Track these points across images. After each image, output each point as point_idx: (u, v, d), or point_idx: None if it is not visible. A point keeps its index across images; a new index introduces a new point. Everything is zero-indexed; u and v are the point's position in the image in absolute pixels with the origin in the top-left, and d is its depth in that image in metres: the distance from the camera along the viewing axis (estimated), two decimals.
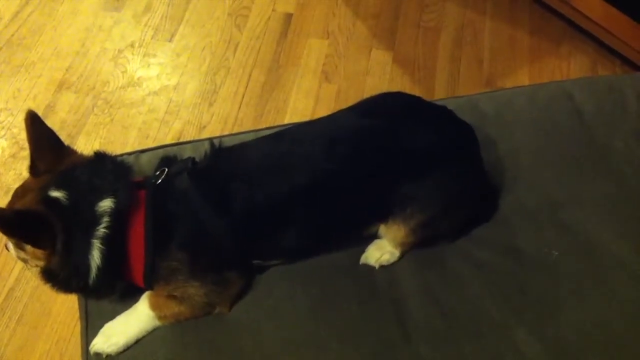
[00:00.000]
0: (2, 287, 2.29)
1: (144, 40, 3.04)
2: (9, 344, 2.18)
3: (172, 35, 3.05)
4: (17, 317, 2.22)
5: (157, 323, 1.51)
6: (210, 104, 2.81)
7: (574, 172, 1.74)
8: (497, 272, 1.58)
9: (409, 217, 1.57)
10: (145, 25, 3.10)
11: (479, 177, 1.66)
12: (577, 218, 1.65)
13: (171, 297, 1.48)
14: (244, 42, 3.03)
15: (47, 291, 1.66)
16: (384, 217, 1.60)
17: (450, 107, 1.73)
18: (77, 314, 1.62)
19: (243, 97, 2.84)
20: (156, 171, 1.51)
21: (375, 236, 1.65)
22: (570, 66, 2.96)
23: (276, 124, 2.68)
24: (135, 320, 1.50)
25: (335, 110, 1.70)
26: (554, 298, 1.53)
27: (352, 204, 1.55)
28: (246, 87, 2.87)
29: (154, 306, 1.49)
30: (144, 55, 2.97)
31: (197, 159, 1.55)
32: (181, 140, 2.62)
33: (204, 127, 2.73)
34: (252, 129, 2.11)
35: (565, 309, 1.51)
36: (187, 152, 1.76)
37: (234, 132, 2.39)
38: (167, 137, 2.68)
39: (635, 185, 1.71)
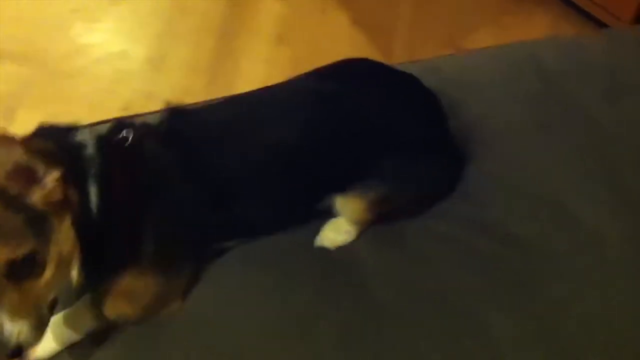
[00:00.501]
0: None
1: (87, 4, 2.86)
2: None
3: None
4: None
5: (98, 325, 1.35)
6: (159, 72, 2.67)
7: (543, 138, 1.65)
8: (464, 248, 1.48)
9: (369, 190, 1.48)
10: None
11: (446, 150, 1.57)
12: (551, 188, 1.57)
13: (119, 294, 1.35)
14: (193, 4, 2.88)
15: None
16: (342, 188, 1.50)
17: (411, 71, 1.64)
18: None
19: (193, 63, 2.70)
20: (112, 135, 1.37)
21: (330, 212, 1.54)
22: (533, 24, 2.88)
23: (230, 92, 2.58)
24: (73, 322, 1.35)
25: (291, 77, 1.63)
26: (530, 275, 1.44)
27: (312, 172, 1.48)
28: (196, 52, 2.73)
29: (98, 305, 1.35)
30: (88, 21, 2.81)
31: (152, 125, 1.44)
32: (129, 110, 2.47)
33: (153, 95, 2.58)
34: (204, 99, 2.00)
35: (543, 288, 1.42)
36: None
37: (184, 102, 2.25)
38: (115, 108, 2.53)
39: (609, 149, 1.63)
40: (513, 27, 2.90)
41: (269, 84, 2.59)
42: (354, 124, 1.47)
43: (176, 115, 1.47)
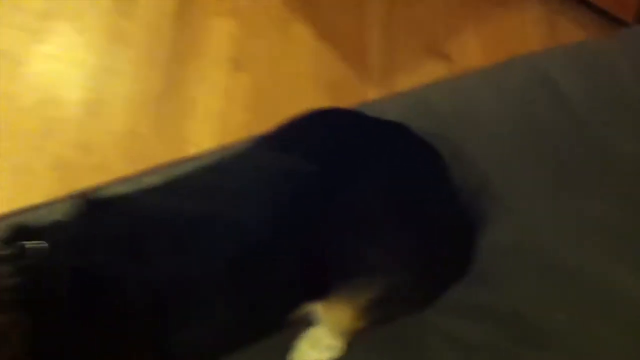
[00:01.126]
0: None
1: (11, 44, 2.45)
2: None
3: (43, 35, 2.48)
4: None
5: None
6: (96, 117, 2.27)
7: (567, 195, 1.28)
8: (484, 347, 1.13)
9: (358, 292, 1.11)
10: (10, 26, 2.50)
11: (455, 222, 1.21)
12: (582, 256, 1.20)
13: None
14: (133, 33, 2.48)
15: None
16: (322, 293, 1.13)
17: (394, 111, 1.35)
18: None
19: (137, 103, 2.31)
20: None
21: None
22: (524, 20, 2.50)
23: (181, 133, 2.22)
24: None
25: (253, 107, 1.35)
26: None
27: (280, 277, 1.11)
28: (140, 90, 2.34)
29: None
30: (11, 62, 2.39)
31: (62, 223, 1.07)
32: (61, 170, 2.09)
33: (91, 149, 2.19)
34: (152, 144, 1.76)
35: None
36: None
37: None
38: (43, 168, 2.13)
39: None
40: (502, 24, 2.53)
41: (228, 118, 2.32)
42: (331, 207, 1.11)
43: (94, 209, 1.09)
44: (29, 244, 0.98)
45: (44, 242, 0.99)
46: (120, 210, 1.10)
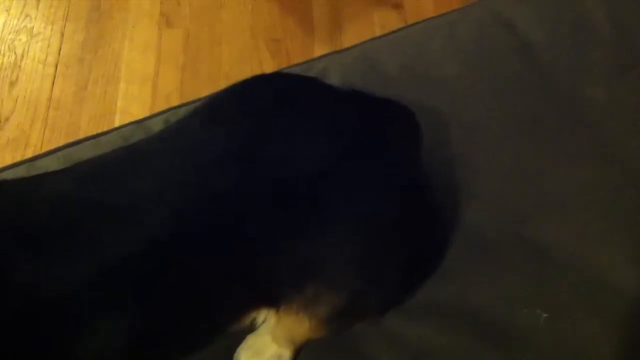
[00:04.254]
0: None
1: None
2: None
3: None
4: None
5: None
6: (12, 84, 2.04)
7: (535, 153, 1.11)
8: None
9: (314, 302, 0.93)
10: None
11: (426, 204, 1.01)
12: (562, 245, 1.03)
13: None
14: None
15: None
16: (270, 301, 0.95)
17: (337, 69, 1.19)
18: None
19: (56, 66, 2.07)
20: None
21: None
22: None
23: (108, 97, 2.01)
24: None
25: (185, 66, 1.36)
26: None
27: (216, 281, 0.91)
28: (59, 51, 2.10)
29: None
30: None
31: None
32: None
33: (7, 119, 1.97)
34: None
35: None
36: None
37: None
38: None
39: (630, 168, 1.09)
40: None
41: (161, 80, 2.11)
42: (277, 197, 0.91)
43: None
44: None
45: None
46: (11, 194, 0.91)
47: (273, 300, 0.94)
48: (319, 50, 2.10)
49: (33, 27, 2.16)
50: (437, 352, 0.96)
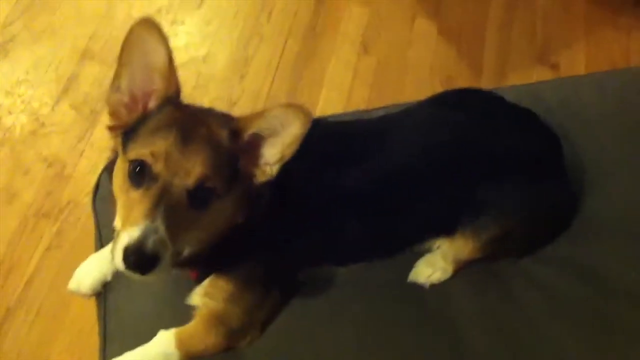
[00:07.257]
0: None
1: (171, 5, 2.83)
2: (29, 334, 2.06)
3: (202, 0, 2.84)
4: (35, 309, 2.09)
5: None
6: (242, 77, 2.62)
7: None
8: (568, 298, 1.41)
9: (482, 229, 1.40)
10: None
11: (564, 189, 1.48)
12: None
13: (200, 324, 1.32)
14: (279, 6, 2.82)
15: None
16: (451, 227, 1.43)
17: (509, 97, 1.56)
18: None
19: (277, 69, 2.64)
20: None
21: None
22: (629, 40, 2.72)
23: (312, 99, 2.54)
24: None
25: (374, 86, 1.68)
26: (625, 330, 1.34)
27: (426, 206, 1.40)
28: (280, 57, 2.67)
29: (180, 344, 1.32)
30: (172, 23, 2.77)
31: None
32: None
33: (235, 103, 2.54)
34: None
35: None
36: None
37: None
38: None
39: None
40: (609, 41, 2.74)
41: (354, 92, 2.61)
42: (477, 155, 1.39)
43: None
44: None
45: None
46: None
47: (451, 231, 1.41)
48: None
49: (263, 35, 2.73)
50: (567, 303, 1.39)
